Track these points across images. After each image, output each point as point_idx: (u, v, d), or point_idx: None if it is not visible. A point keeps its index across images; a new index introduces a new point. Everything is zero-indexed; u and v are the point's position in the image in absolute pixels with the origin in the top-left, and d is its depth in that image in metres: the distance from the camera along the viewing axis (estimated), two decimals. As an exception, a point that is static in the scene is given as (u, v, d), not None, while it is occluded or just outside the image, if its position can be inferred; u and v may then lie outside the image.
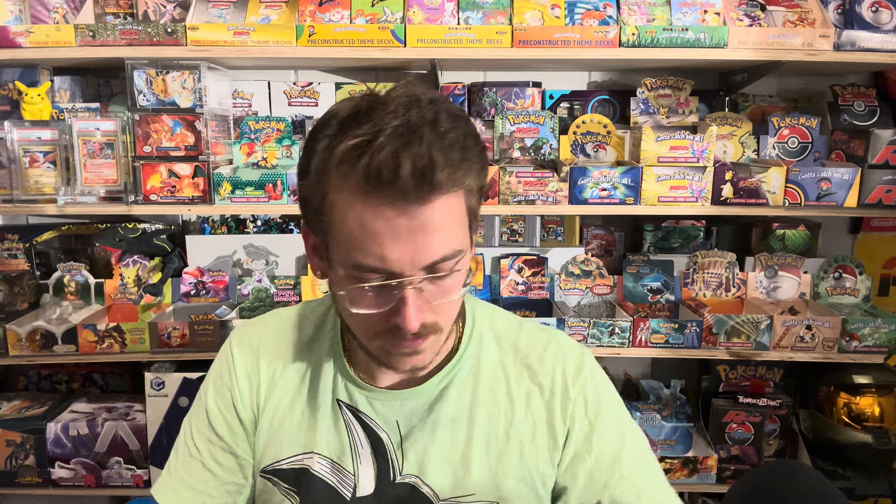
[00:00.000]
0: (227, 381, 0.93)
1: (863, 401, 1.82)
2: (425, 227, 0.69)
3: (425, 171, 0.67)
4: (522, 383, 0.89)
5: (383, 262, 0.70)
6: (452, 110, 0.73)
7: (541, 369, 0.89)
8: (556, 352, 0.90)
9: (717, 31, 1.69)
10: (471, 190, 0.74)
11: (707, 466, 1.84)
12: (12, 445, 1.80)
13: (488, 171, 0.82)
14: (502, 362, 0.90)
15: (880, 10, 1.77)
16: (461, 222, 0.74)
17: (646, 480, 0.88)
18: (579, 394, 0.88)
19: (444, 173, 0.68)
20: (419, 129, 0.68)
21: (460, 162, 0.70)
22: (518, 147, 1.85)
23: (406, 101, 0.71)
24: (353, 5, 1.74)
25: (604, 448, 0.87)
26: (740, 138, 1.88)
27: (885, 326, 1.74)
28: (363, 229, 0.70)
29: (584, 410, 0.88)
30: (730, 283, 1.93)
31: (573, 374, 0.89)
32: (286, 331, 0.95)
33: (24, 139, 1.73)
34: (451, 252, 0.72)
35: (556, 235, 2.09)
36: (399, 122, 0.68)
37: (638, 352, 1.78)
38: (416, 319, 0.72)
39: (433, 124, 0.69)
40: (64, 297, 1.91)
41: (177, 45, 1.68)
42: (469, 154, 0.72)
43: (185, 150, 1.72)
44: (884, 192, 1.73)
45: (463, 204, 0.74)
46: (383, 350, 0.79)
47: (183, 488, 0.92)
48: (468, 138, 0.72)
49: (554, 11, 1.74)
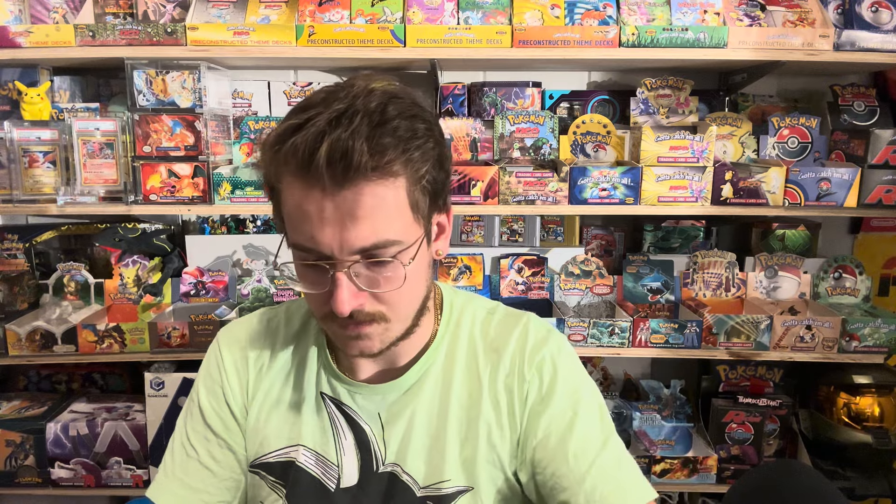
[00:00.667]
0: (217, 377, 0.94)
1: (863, 401, 1.82)
2: (352, 212, 0.71)
3: (343, 156, 0.68)
4: (489, 368, 0.90)
5: (314, 243, 0.73)
6: (406, 104, 0.75)
7: (505, 352, 0.90)
8: (520, 334, 0.91)
9: (716, 31, 1.68)
10: (415, 181, 0.75)
11: (707, 466, 1.84)
12: (12, 445, 1.80)
13: (446, 166, 0.81)
14: (475, 350, 0.92)
15: (880, 10, 1.77)
16: (398, 213, 0.74)
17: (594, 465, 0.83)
18: (535, 373, 0.89)
19: (365, 159, 0.69)
20: (354, 115, 0.70)
21: (393, 151, 0.71)
22: (518, 147, 1.85)
23: (360, 91, 0.73)
24: (353, 5, 1.74)
25: (551, 428, 0.86)
26: (740, 138, 1.88)
27: (885, 326, 1.73)
28: (298, 210, 0.73)
29: (538, 389, 0.88)
30: (730, 283, 1.93)
31: (530, 353, 0.90)
32: (273, 327, 0.97)
33: (24, 139, 1.73)
34: (383, 241, 0.73)
35: (555, 235, 2.09)
36: (340, 108, 0.70)
37: (638, 352, 1.78)
38: (346, 303, 0.74)
39: (372, 113, 0.71)
40: (64, 297, 1.91)
41: (176, 45, 1.68)
42: (410, 146, 0.73)
43: (185, 150, 1.72)
44: (884, 192, 1.73)
45: (402, 195, 0.74)
46: (334, 333, 0.82)
47: (181, 488, 0.93)
48: (414, 131, 0.73)
49: (554, 11, 1.74)
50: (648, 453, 1.84)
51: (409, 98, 0.76)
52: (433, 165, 0.77)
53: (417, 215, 0.77)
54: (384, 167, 0.71)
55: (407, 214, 0.76)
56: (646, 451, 1.86)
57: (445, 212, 0.85)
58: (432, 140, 0.77)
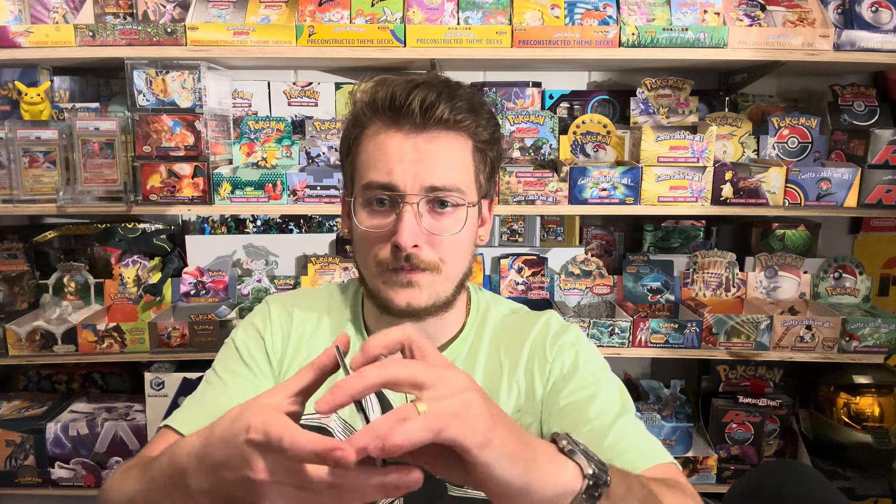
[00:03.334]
0: (262, 327, 0.99)
1: (862, 401, 1.82)
2: (430, 154, 0.84)
3: (430, 106, 0.83)
4: (509, 360, 0.94)
5: (390, 176, 0.84)
6: (476, 93, 0.91)
7: (525, 343, 0.95)
8: (542, 326, 0.97)
9: (716, 31, 1.68)
10: (478, 143, 0.88)
11: (707, 466, 1.84)
12: (12, 445, 1.80)
13: (500, 151, 0.95)
14: (497, 344, 0.96)
15: (880, 10, 1.76)
16: (463, 166, 0.87)
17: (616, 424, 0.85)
18: (557, 355, 0.93)
19: (447, 112, 0.83)
20: (434, 82, 0.86)
21: (466, 112, 0.85)
22: (518, 147, 1.85)
23: (431, 73, 0.88)
24: (353, 5, 1.74)
25: (572, 397, 0.88)
26: (740, 138, 1.88)
27: (885, 326, 1.73)
28: (379, 149, 0.85)
29: (560, 369, 0.92)
30: (730, 283, 1.93)
31: (552, 340, 0.94)
32: (315, 301, 1.03)
33: (24, 139, 1.72)
34: (451, 185, 0.85)
35: (555, 235, 2.09)
36: (423, 77, 0.86)
37: (638, 352, 1.78)
38: (409, 236, 0.82)
39: (448, 84, 0.87)
40: (64, 297, 1.91)
41: (176, 44, 1.68)
42: (476, 113, 0.88)
43: (185, 150, 1.72)
44: (884, 192, 1.73)
45: (468, 151, 0.88)
46: (385, 282, 0.87)
47: (199, 413, 0.90)
48: (481, 104, 0.89)
49: (554, 11, 1.74)
50: (648, 453, 1.84)
51: (469, 87, 0.91)
52: (493, 140, 0.91)
53: (477, 180, 0.90)
54: (457, 122, 0.85)
55: (470, 172, 0.88)
56: (646, 451, 1.85)
57: (489, 203, 0.96)
58: (494, 120, 0.92)
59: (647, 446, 0.85)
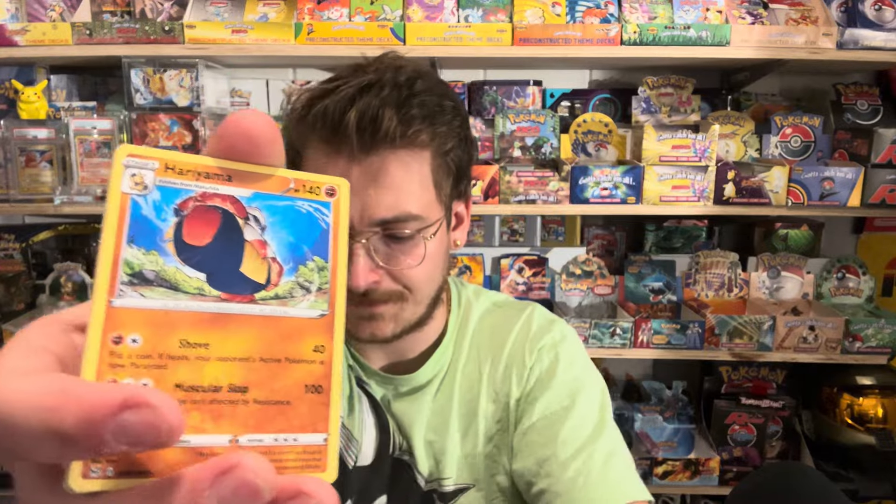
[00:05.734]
0: None
1: (866, 402, 1.81)
2: (376, 180, 0.71)
3: (372, 121, 0.69)
4: (489, 361, 0.88)
5: None
6: (434, 82, 0.75)
7: (506, 344, 0.88)
8: (522, 324, 0.89)
9: (719, 30, 1.67)
10: (440, 157, 0.75)
11: (709, 468, 1.83)
12: (8, 447, 1.79)
13: (471, 150, 0.82)
14: (478, 343, 0.90)
15: (883, 8, 1.75)
16: (421, 187, 0.74)
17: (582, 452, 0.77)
18: (535, 359, 0.86)
19: (393, 126, 0.69)
20: (384, 86, 0.71)
21: (421, 122, 0.71)
22: (518, 146, 1.84)
23: (388, 66, 0.74)
24: (352, 3, 1.72)
25: (545, 412, 0.81)
26: (743, 137, 1.87)
27: (889, 327, 1.72)
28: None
29: (537, 375, 0.85)
30: (732, 284, 1.91)
31: (531, 341, 0.87)
32: None
33: (21, 138, 1.71)
34: (405, 214, 0.72)
35: (556, 235, 2.07)
36: (371, 78, 0.71)
37: (639, 353, 1.77)
38: (362, 277, 0.72)
39: (401, 85, 0.72)
40: (60, 298, 1.89)
41: (174, 43, 1.67)
42: (437, 119, 0.73)
43: (183, 150, 1.71)
44: (887, 192, 1.72)
45: (426, 169, 0.74)
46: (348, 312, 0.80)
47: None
48: (442, 107, 0.74)
49: (555, 9, 1.73)
50: (650, 455, 1.83)
51: (436, 77, 0.77)
52: (458, 144, 0.77)
53: (440, 194, 0.77)
54: (411, 137, 0.71)
55: (430, 191, 0.75)
56: (647, 452, 1.84)
57: (465, 202, 0.85)
58: (459, 119, 0.77)
59: (615, 480, 0.76)
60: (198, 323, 0.26)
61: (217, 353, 0.26)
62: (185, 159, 0.27)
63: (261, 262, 0.28)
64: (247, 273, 0.27)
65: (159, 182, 0.26)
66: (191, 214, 0.27)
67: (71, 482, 0.22)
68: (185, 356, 0.25)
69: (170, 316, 0.25)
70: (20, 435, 0.21)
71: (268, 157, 0.28)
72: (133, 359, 0.24)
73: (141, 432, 0.21)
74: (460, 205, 0.85)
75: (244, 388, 0.26)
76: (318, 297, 0.28)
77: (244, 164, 0.28)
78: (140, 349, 0.25)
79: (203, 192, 0.27)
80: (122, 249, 0.25)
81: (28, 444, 0.21)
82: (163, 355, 0.25)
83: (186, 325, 0.26)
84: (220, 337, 0.26)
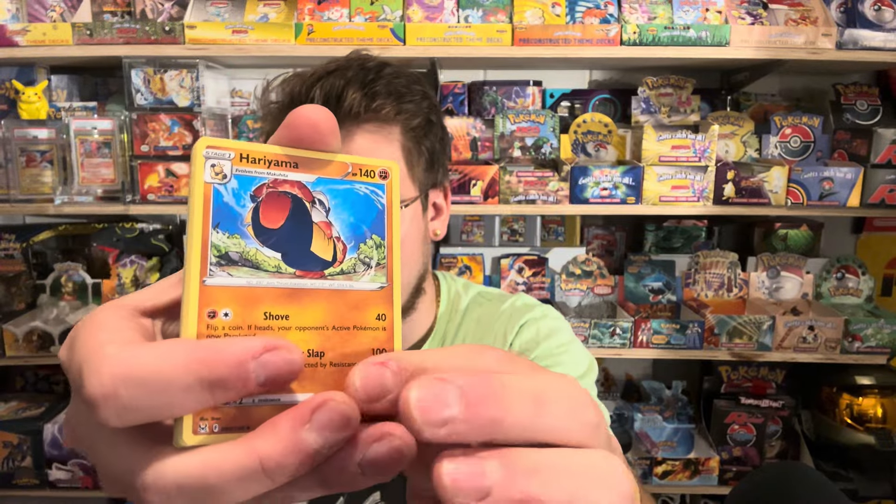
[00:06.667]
0: None
1: (865, 402, 1.81)
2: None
3: (337, 97, 0.71)
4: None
5: None
6: (401, 70, 0.77)
7: (490, 328, 0.89)
8: (506, 308, 0.91)
9: (718, 30, 1.67)
10: (408, 133, 0.76)
11: (709, 468, 1.83)
12: (9, 447, 1.79)
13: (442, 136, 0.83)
14: (465, 335, 0.91)
15: (883, 8, 1.75)
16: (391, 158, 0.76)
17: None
18: (517, 336, 0.87)
19: (357, 102, 0.71)
20: (350, 68, 0.73)
21: (385, 97, 0.73)
22: (518, 146, 1.84)
23: (357, 58, 0.75)
24: (352, 3, 1.72)
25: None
26: (742, 137, 1.87)
27: (888, 327, 1.72)
28: None
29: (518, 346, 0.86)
30: (732, 284, 1.92)
31: (513, 320, 0.88)
32: None
33: (21, 138, 1.71)
34: None
35: (556, 235, 2.08)
36: (337, 63, 0.74)
37: (639, 352, 1.77)
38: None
39: (368, 69, 0.74)
40: (61, 298, 1.90)
41: (174, 43, 1.67)
42: (404, 98, 0.74)
43: (183, 150, 1.71)
44: (887, 192, 1.72)
45: (395, 144, 0.75)
46: None
47: None
48: (409, 88, 0.76)
49: (555, 9, 1.73)
50: (650, 455, 1.83)
51: (407, 70, 0.78)
52: (427, 127, 0.78)
53: (412, 174, 0.78)
54: (375, 109, 0.72)
55: (401, 169, 0.75)
56: (647, 452, 1.84)
57: (443, 193, 0.86)
58: (427, 102, 0.78)
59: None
60: (278, 297, 0.29)
61: (296, 323, 0.29)
62: (256, 149, 0.29)
63: (327, 241, 0.31)
64: (316, 252, 0.30)
65: (236, 171, 0.29)
66: (265, 200, 0.29)
67: (184, 437, 0.25)
68: (269, 326, 0.28)
69: (254, 292, 0.29)
70: (174, 390, 0.24)
71: (329, 145, 0.30)
72: (227, 330, 0.28)
73: (280, 366, 0.24)
74: (438, 195, 0.85)
75: (321, 353, 0.29)
76: (377, 271, 0.31)
77: (307, 151, 0.30)
78: (232, 321, 0.28)
79: (274, 178, 0.30)
80: (210, 234, 0.28)
81: (178, 398, 0.24)
82: (251, 326, 0.28)
83: (269, 299, 0.29)
84: (298, 309, 0.29)
